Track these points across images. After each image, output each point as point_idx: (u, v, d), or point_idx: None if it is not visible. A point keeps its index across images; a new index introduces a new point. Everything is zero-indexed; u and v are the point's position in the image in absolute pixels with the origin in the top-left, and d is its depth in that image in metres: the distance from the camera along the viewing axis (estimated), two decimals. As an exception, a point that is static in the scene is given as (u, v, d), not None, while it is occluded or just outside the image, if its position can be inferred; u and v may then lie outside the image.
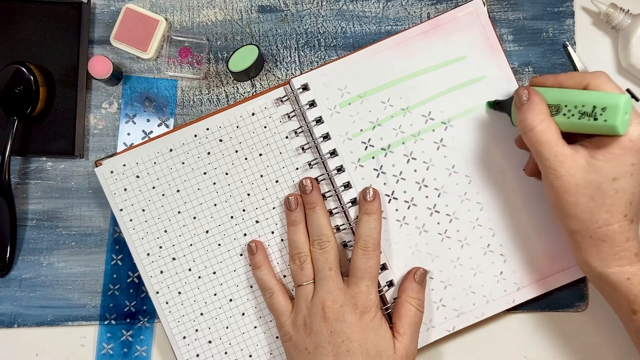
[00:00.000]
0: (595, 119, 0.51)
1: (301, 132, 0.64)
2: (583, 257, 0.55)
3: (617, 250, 0.52)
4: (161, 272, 0.63)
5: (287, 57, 0.67)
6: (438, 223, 0.64)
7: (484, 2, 0.65)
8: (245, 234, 0.63)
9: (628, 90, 0.52)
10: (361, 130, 0.64)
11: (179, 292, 0.63)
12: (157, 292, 0.63)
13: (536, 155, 0.54)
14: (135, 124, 0.66)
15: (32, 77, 0.63)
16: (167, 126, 0.66)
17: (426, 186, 0.64)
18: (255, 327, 0.63)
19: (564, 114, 0.54)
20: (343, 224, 0.63)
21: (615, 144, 0.51)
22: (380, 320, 0.58)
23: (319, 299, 0.58)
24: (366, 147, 0.64)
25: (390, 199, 0.63)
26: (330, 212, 0.63)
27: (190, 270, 0.63)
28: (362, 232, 0.60)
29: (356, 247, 0.59)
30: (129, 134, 0.66)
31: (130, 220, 0.63)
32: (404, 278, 0.62)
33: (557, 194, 0.53)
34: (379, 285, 0.62)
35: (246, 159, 0.63)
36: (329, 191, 0.63)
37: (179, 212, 0.63)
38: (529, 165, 0.61)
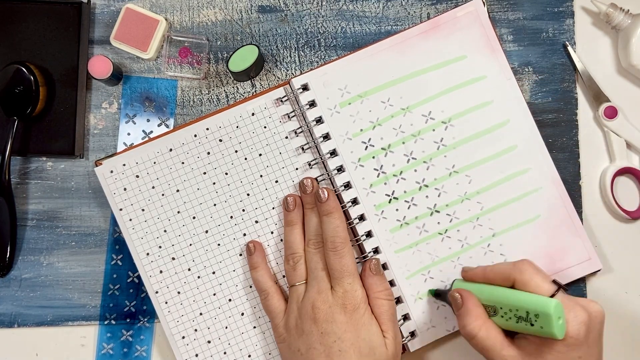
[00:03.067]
0: (532, 325, 0.51)
1: (301, 132, 0.64)
2: None
3: None
4: (160, 271, 0.63)
5: (287, 57, 0.67)
6: (438, 223, 0.64)
7: (484, 2, 0.65)
8: (244, 234, 0.63)
9: (555, 282, 0.53)
10: (361, 130, 0.64)
11: (178, 292, 0.63)
12: (157, 292, 0.63)
13: (486, 358, 0.54)
14: (135, 124, 0.66)
15: (32, 77, 0.63)
16: (167, 126, 0.66)
17: (426, 186, 0.64)
18: (255, 327, 0.63)
19: (502, 316, 0.53)
20: (343, 224, 0.63)
21: (559, 342, 0.51)
22: (371, 317, 0.58)
23: (309, 299, 0.58)
24: (366, 146, 0.64)
25: (390, 199, 0.63)
26: (330, 212, 0.63)
27: (189, 270, 0.63)
28: (327, 234, 0.59)
29: (326, 250, 0.59)
30: (129, 134, 0.66)
31: (130, 219, 0.63)
32: (362, 276, 0.61)
33: None
34: (379, 285, 0.62)
35: (246, 159, 0.63)
36: (329, 191, 0.63)
37: (178, 212, 0.63)
38: None
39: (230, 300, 0.63)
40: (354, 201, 0.63)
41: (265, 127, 0.64)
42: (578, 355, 0.51)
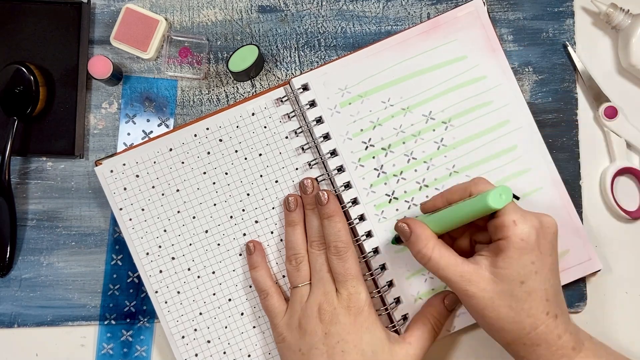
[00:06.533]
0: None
1: (301, 132, 0.64)
2: None
3: (554, 350, 0.52)
4: (160, 271, 0.63)
5: (287, 57, 0.67)
6: (438, 223, 0.64)
7: (484, 2, 0.65)
8: (244, 234, 0.63)
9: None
10: (361, 130, 0.64)
11: (178, 292, 0.63)
12: (156, 292, 0.63)
13: (443, 281, 0.54)
14: (135, 124, 0.66)
15: (32, 77, 0.63)
16: (167, 126, 0.66)
17: (426, 186, 0.64)
18: (254, 327, 0.63)
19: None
20: (343, 224, 0.63)
21: (510, 247, 0.50)
22: (375, 320, 0.58)
23: (315, 300, 0.58)
24: (366, 146, 0.64)
25: (390, 199, 0.63)
26: (330, 212, 0.63)
27: (189, 269, 0.63)
28: (329, 239, 0.59)
29: (329, 254, 0.59)
30: (129, 134, 0.66)
31: (130, 219, 0.63)
32: (435, 295, 0.62)
33: (477, 312, 0.53)
34: (378, 286, 0.62)
35: (246, 158, 0.63)
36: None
37: (178, 212, 0.63)
38: None
39: (230, 300, 0.63)
40: (354, 201, 0.63)
41: (265, 127, 0.64)
42: (531, 260, 0.51)
